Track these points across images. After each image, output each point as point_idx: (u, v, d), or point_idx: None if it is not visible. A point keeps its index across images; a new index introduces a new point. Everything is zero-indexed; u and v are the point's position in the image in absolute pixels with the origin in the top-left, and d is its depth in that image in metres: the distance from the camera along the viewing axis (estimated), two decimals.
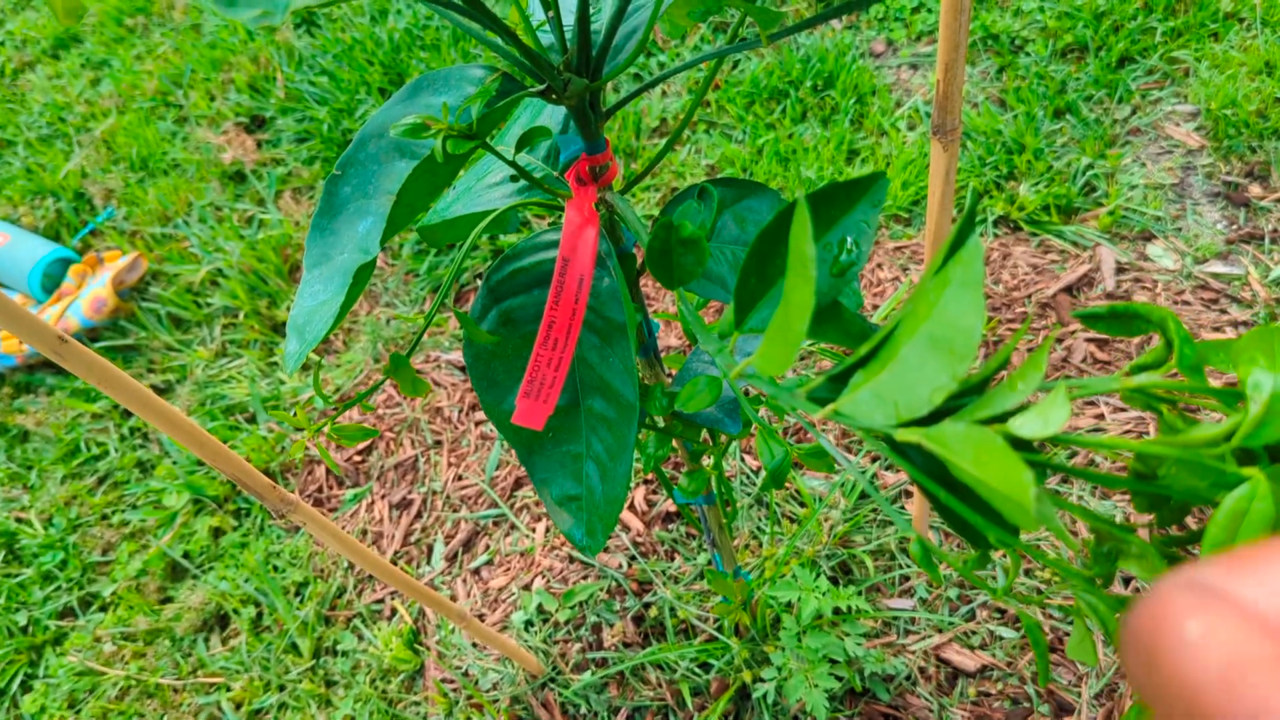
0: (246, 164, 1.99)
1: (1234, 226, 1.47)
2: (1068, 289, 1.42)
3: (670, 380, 0.85)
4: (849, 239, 0.45)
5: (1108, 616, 0.35)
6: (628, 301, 0.61)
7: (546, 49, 0.61)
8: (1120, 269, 1.43)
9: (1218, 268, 1.42)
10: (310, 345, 0.54)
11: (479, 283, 1.68)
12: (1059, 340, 1.37)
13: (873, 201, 0.45)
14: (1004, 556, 1.20)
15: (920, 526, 1.20)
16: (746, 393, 0.76)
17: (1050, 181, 1.56)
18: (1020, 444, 0.30)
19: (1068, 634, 1.11)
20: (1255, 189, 1.50)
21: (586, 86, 0.57)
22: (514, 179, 0.66)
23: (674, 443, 0.87)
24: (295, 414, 0.51)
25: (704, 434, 0.82)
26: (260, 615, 1.40)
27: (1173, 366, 0.34)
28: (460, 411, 1.52)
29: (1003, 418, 0.30)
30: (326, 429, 0.59)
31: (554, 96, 0.57)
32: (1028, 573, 1.17)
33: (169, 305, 1.80)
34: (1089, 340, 1.36)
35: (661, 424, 0.76)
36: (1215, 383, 0.33)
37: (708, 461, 1.41)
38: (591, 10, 0.58)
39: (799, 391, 0.37)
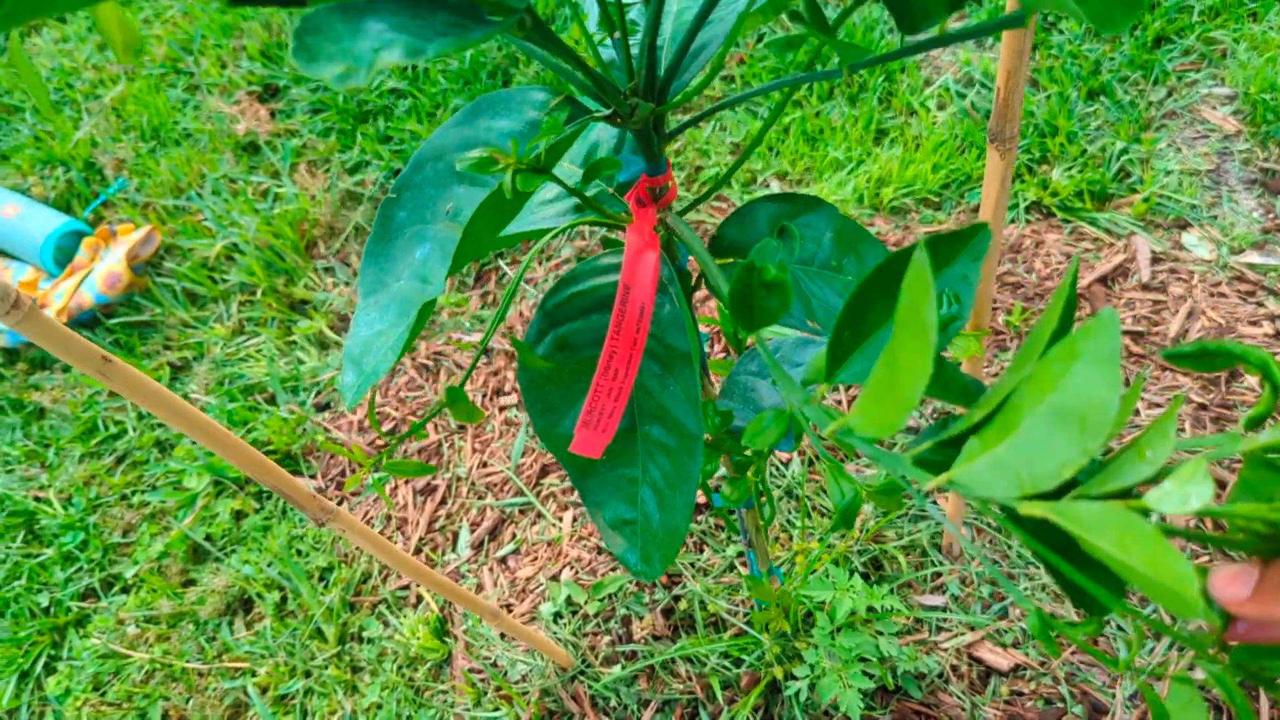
0: (260, 135, 1.96)
1: (1270, 215, 1.44)
2: (1102, 279, 1.40)
3: (716, 389, 0.84)
4: (949, 292, 0.43)
5: (1234, 690, 0.34)
6: (692, 330, 0.59)
7: (608, 65, 0.59)
8: (1155, 259, 1.41)
9: (1254, 258, 1.39)
10: (369, 380, 0.53)
11: (498, 261, 1.66)
12: None
13: (973, 255, 0.43)
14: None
15: (955, 521, 1.19)
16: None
17: (1084, 166, 1.53)
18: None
19: (1103, 646, 1.11)
20: None
21: (653, 110, 0.54)
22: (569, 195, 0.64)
23: None
24: (352, 449, 0.49)
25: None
26: (284, 600, 1.39)
27: None
28: (484, 396, 1.50)
29: (1133, 490, 0.29)
30: (382, 463, 0.57)
31: (619, 121, 0.55)
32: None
33: (184, 280, 1.78)
34: (1124, 333, 1.34)
35: (709, 438, 0.74)
36: None
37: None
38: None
39: (905, 456, 0.36)
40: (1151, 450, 0.29)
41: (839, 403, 1.40)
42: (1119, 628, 1.10)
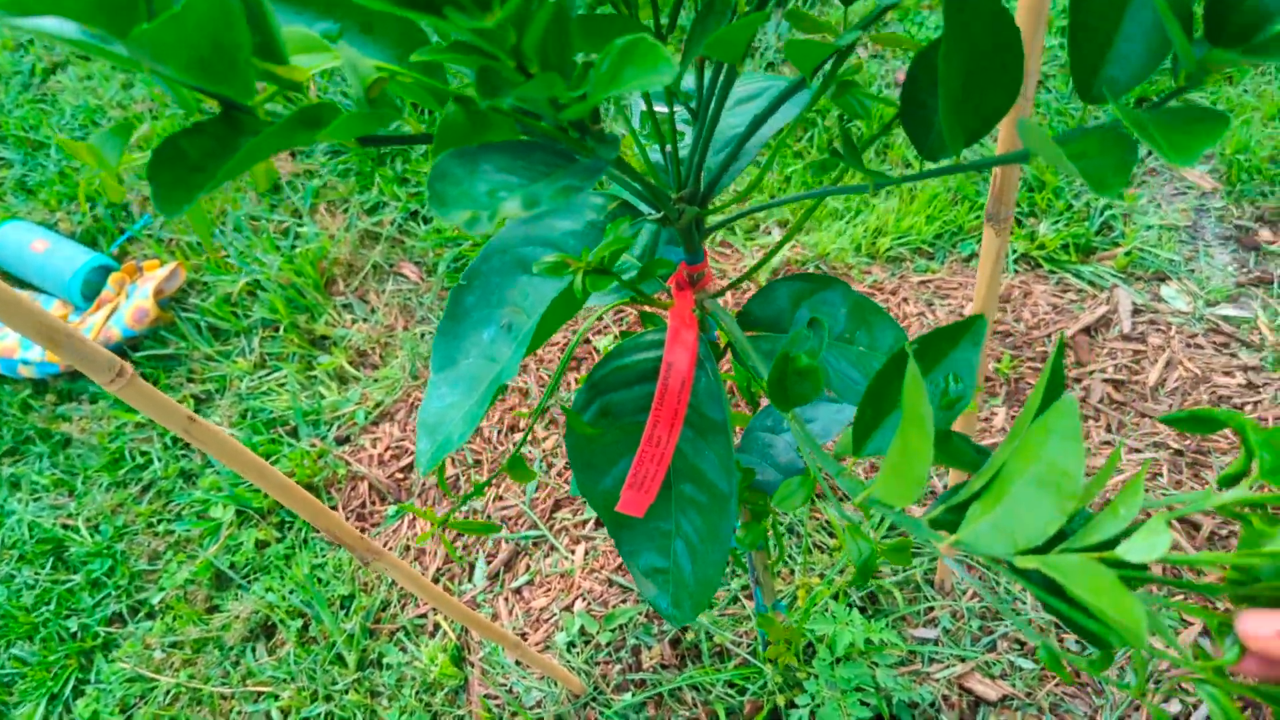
0: (281, 174, 2.03)
1: (1244, 270, 1.53)
2: (1086, 330, 1.49)
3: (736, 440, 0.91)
4: (955, 375, 0.51)
5: (1232, 711, 0.41)
6: (725, 403, 0.66)
7: (654, 166, 0.67)
8: (1136, 310, 1.50)
9: (1228, 310, 1.48)
10: (443, 448, 0.60)
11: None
12: (1077, 380, 1.44)
13: (973, 341, 0.51)
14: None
15: (952, 560, 1.27)
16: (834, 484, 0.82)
17: (1069, 220, 1.62)
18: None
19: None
20: (1265, 234, 1.57)
21: (698, 213, 0.62)
22: None
23: None
24: (427, 508, 0.56)
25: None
26: (306, 626, 1.46)
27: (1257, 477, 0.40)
28: (499, 432, 1.58)
29: (1111, 543, 0.36)
30: (449, 521, 0.65)
31: (668, 221, 0.62)
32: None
33: (208, 316, 1.85)
34: (1105, 381, 1.42)
35: None
36: None
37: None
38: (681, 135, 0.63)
39: (922, 520, 0.43)
40: (1124, 508, 0.36)
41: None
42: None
